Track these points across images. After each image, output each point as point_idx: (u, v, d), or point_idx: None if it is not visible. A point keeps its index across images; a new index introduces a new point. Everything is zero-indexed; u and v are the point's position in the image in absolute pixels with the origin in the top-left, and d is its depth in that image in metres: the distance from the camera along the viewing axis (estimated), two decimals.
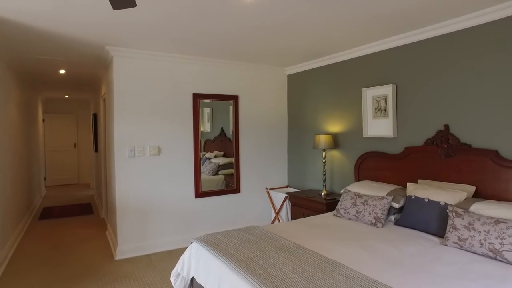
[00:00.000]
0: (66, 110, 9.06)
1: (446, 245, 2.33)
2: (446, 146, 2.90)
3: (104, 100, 4.91)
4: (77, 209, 6.12)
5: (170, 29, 3.01)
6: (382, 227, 2.78)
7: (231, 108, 4.46)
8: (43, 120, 8.61)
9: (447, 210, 2.50)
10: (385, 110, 3.45)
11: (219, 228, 4.37)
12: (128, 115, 3.77)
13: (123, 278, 3.21)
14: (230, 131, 4.49)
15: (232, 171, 4.51)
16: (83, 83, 5.86)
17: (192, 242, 2.57)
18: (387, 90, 3.42)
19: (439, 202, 2.58)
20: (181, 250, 3.94)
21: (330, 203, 3.69)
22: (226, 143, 4.48)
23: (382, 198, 2.90)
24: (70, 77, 5.29)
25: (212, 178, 4.37)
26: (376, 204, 2.88)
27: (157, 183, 3.94)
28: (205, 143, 4.31)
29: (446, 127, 2.92)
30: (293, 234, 2.67)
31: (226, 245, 2.36)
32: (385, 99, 3.44)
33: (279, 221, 4.48)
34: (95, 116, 6.77)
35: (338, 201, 3.71)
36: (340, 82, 4.05)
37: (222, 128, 4.45)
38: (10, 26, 2.87)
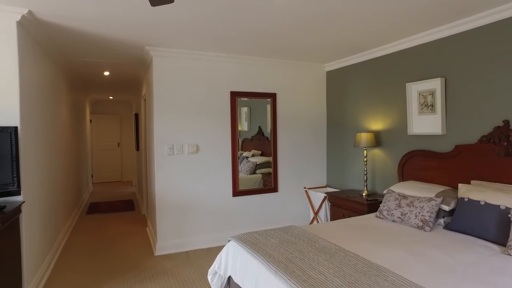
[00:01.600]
0: (111, 111, 9.52)
1: (510, 255, 2.10)
2: (506, 144, 2.63)
3: (144, 100, 5.06)
4: (120, 205, 6.39)
5: (208, 27, 3.01)
6: (430, 231, 2.58)
7: (268, 106, 4.41)
8: (90, 121, 9.10)
9: (509, 215, 2.26)
10: (432, 105, 3.22)
11: (256, 227, 4.33)
12: (167, 113, 3.84)
13: (161, 273, 3.27)
14: (268, 130, 4.44)
15: (269, 170, 4.46)
16: (125, 84, 6.10)
17: (229, 241, 2.55)
18: (435, 84, 3.18)
19: (498, 206, 2.34)
20: (219, 248, 3.96)
21: (372, 204, 3.52)
22: (264, 142, 4.44)
23: (430, 199, 2.70)
24: (113, 79, 5.52)
25: (249, 177, 4.35)
26: (423, 206, 2.69)
27: (195, 181, 3.99)
28: (242, 142, 4.30)
29: (506, 123, 2.65)
30: (333, 235, 2.56)
31: (264, 245, 2.31)
32: (432, 93, 3.21)
33: (317, 222, 4.35)
34: (136, 116, 7.03)
35: (380, 202, 3.52)
36: (382, 77, 3.85)
37: (259, 127, 4.41)
38: (60, 31, 3.02)
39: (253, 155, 4.40)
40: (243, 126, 4.31)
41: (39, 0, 2.40)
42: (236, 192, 4.21)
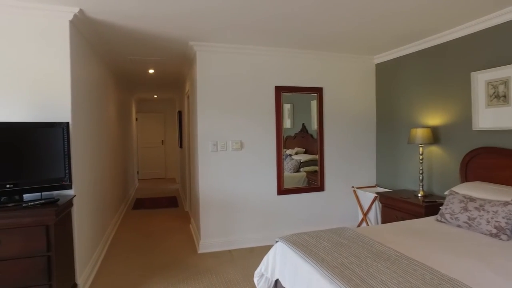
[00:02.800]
0: (155, 109, 9.79)
1: None
2: None
3: (188, 97, 5.08)
4: (164, 202, 6.51)
5: (253, 18, 2.89)
6: (507, 240, 2.26)
7: (312, 103, 4.21)
8: (136, 119, 9.42)
9: None
10: (504, 96, 2.85)
11: (302, 227, 4.16)
12: (211, 109, 3.79)
13: (205, 272, 3.21)
14: (312, 127, 4.25)
15: (314, 168, 4.26)
16: (169, 82, 6.19)
17: (277, 242, 2.42)
18: (508, 72, 2.81)
19: None
20: (263, 248, 3.84)
21: (429, 206, 3.21)
22: (308, 140, 4.25)
23: (506, 203, 2.37)
24: (158, 77, 5.61)
25: (293, 175, 4.19)
26: (497, 211, 2.36)
27: (239, 178, 3.90)
28: (285, 139, 4.15)
29: None
30: (390, 239, 2.33)
31: (315, 248, 2.15)
32: (505, 83, 2.84)
33: (367, 223, 4.09)
34: (180, 114, 7.13)
35: (440, 204, 3.20)
36: (441, 67, 3.50)
37: (303, 124, 4.23)
38: (108, 29, 3.06)
39: (296, 153, 4.24)
40: (286, 123, 4.16)
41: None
42: (281, 191, 4.07)
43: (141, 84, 6.41)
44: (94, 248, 3.38)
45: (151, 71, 5.08)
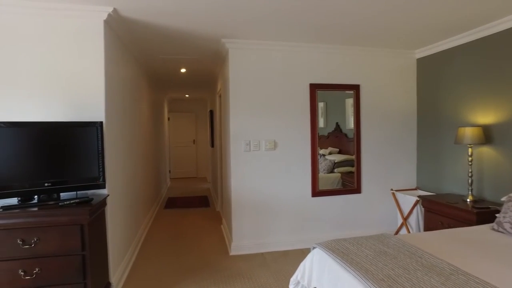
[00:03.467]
0: (187, 109, 9.89)
1: None
2: None
3: (220, 96, 5.03)
4: (195, 201, 6.52)
5: (288, 14, 2.76)
6: None
7: (347, 101, 4.01)
8: (168, 119, 9.56)
9: None
10: None
11: (338, 230, 3.97)
12: (243, 108, 3.70)
13: (237, 275, 3.12)
14: (346, 126, 4.04)
15: (349, 169, 4.06)
16: (201, 81, 6.19)
17: (314, 248, 2.27)
18: None
19: None
20: (297, 252, 3.70)
21: (482, 213, 2.92)
22: (342, 139, 4.05)
23: None
24: (190, 76, 5.61)
25: (327, 176, 4.01)
26: None
27: (273, 179, 3.78)
28: (318, 139, 3.98)
29: None
30: (440, 249, 2.12)
31: (357, 256, 1.98)
32: None
33: (407, 228, 3.83)
34: (211, 113, 7.13)
35: (495, 211, 2.90)
36: (496, 59, 3.18)
37: (337, 123, 4.04)
38: (141, 27, 3.05)
39: (330, 153, 4.06)
40: (319, 122, 3.99)
41: None
42: (316, 192, 3.90)
43: (173, 83, 6.45)
44: (127, 247, 3.39)
45: (183, 70, 5.08)
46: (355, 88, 3.96)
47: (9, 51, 2.51)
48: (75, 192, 2.53)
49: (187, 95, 8.51)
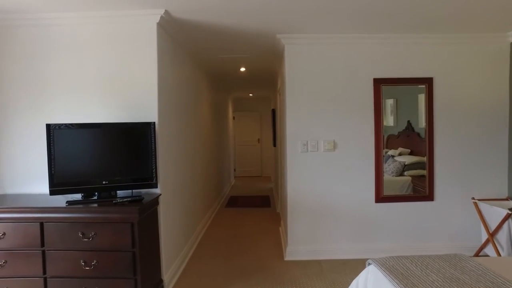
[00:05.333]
0: (251, 108, 9.96)
1: None
2: None
3: (279, 94, 4.90)
4: (257, 201, 6.49)
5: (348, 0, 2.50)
6: None
7: (420, 97, 3.54)
8: (234, 118, 9.74)
9: None
10: None
11: (404, 241, 3.54)
12: (300, 106, 3.50)
13: (290, 283, 2.96)
14: (419, 125, 3.58)
15: (421, 172, 3.59)
16: (262, 80, 6.12)
17: (369, 264, 2.00)
18: None
19: None
20: (357, 262, 3.39)
21: None
22: (414, 139, 3.60)
23: None
24: (250, 75, 5.58)
25: (395, 180, 3.61)
26: None
27: (332, 182, 3.53)
28: (387, 139, 3.59)
29: None
30: None
31: (420, 281, 1.67)
32: None
33: (494, 247, 3.24)
34: (273, 112, 7.03)
35: None
36: None
37: (408, 121, 3.60)
38: (194, 27, 3.06)
39: (400, 154, 3.64)
40: (388, 120, 3.59)
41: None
42: (380, 198, 3.54)
43: (235, 83, 6.51)
44: (182, 246, 3.46)
45: (242, 69, 5.06)
46: (427, 81, 3.48)
47: (74, 58, 2.72)
48: (131, 191, 2.63)
49: (250, 94, 8.55)
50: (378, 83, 3.47)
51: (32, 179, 2.80)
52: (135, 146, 2.58)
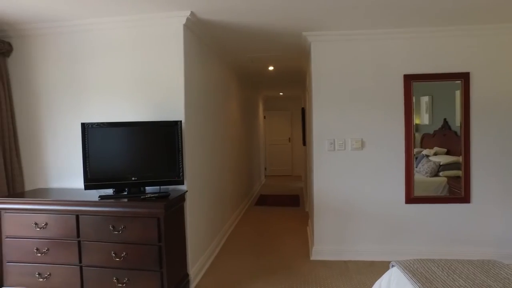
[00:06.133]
0: (282, 107, 9.93)
1: None
2: None
3: (307, 92, 4.86)
4: (286, 200, 6.48)
5: None
6: None
7: (457, 93, 3.36)
8: (264, 117, 9.76)
9: None
10: None
11: (435, 245, 3.38)
12: (327, 104, 3.46)
13: (314, 283, 2.93)
14: (456, 123, 3.40)
15: (458, 172, 3.41)
16: (291, 78, 6.10)
17: (392, 266, 1.94)
18: None
19: None
20: (384, 264, 3.28)
21: None
22: (451, 138, 3.42)
23: None
24: (278, 74, 5.57)
25: (430, 180, 3.45)
26: None
27: (359, 182, 3.45)
28: (422, 137, 3.45)
29: None
30: None
31: (444, 286, 1.60)
32: None
33: None
34: (303, 110, 6.97)
35: None
36: None
37: (445, 119, 3.43)
38: (218, 27, 3.11)
39: (435, 154, 3.48)
40: (423, 118, 3.45)
41: (197, 0, 2.48)
42: (410, 199, 3.40)
43: (264, 82, 6.52)
44: (209, 242, 3.53)
45: (270, 68, 5.07)
46: (463, 76, 3.29)
47: (107, 61, 2.89)
48: (159, 187, 2.74)
49: (281, 93, 8.53)
50: (409, 79, 3.33)
51: (72, 174, 3.01)
52: (163, 144, 2.68)
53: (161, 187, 2.75)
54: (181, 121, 2.68)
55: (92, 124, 2.57)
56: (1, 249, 2.64)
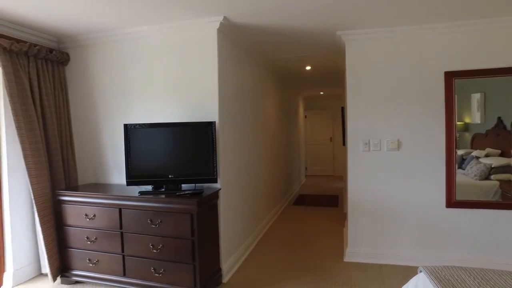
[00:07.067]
0: (323, 106, 9.78)
1: None
2: None
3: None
4: (325, 200, 6.41)
5: None
6: None
7: None
8: (305, 116, 9.70)
9: None
10: None
11: (478, 253, 3.16)
12: (362, 104, 3.40)
13: (345, 284, 2.90)
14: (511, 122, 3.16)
15: (510, 176, 3.17)
16: (329, 78, 6.01)
17: (420, 271, 1.89)
18: None
19: None
20: None
21: None
22: (505, 138, 3.18)
23: None
24: (316, 73, 5.52)
25: (479, 184, 3.24)
26: None
27: (395, 183, 3.34)
28: (473, 138, 3.25)
29: None
30: None
31: None
32: None
33: None
34: (342, 110, 6.85)
35: None
36: None
37: (499, 118, 3.19)
38: (252, 30, 3.19)
39: (487, 155, 3.26)
40: (474, 117, 3.24)
41: (229, 5, 2.57)
42: (452, 203, 3.22)
43: (302, 82, 6.49)
44: (244, 238, 3.63)
45: (308, 68, 5.05)
46: None
47: (148, 66, 3.11)
48: (194, 184, 2.89)
49: (321, 93, 8.42)
50: (450, 76, 3.16)
51: (117, 171, 3.28)
52: (198, 144, 2.82)
53: (196, 184, 2.89)
54: (215, 122, 2.80)
55: (133, 125, 2.78)
56: (64, 236, 2.96)
